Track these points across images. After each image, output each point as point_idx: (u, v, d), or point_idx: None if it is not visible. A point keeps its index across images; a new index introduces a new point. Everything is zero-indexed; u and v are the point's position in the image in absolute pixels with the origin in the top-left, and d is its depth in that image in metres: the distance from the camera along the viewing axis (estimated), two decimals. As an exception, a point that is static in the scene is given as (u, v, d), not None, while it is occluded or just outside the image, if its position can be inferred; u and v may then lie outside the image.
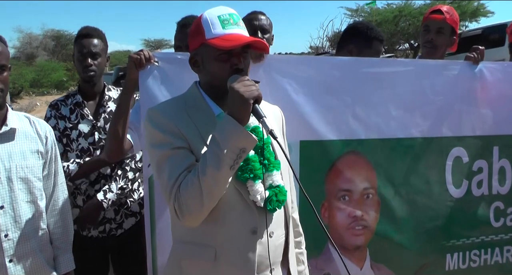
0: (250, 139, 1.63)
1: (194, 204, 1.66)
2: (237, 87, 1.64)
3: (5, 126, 2.18)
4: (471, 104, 2.89)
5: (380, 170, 2.73)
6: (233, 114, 1.63)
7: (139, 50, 2.36)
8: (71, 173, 2.80)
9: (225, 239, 1.79)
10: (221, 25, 1.78)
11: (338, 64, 2.66)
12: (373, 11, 25.23)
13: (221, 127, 1.64)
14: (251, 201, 1.81)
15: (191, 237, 1.84)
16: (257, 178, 1.79)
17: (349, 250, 2.71)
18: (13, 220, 2.17)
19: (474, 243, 2.96)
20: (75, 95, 3.00)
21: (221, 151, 1.61)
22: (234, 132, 1.61)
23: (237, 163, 1.65)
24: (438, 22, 3.19)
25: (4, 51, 2.15)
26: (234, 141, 1.61)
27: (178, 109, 1.83)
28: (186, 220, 1.72)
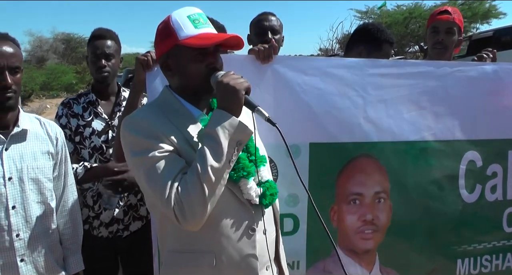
0: (247, 131, 1.64)
1: (197, 205, 1.61)
2: (227, 81, 1.64)
3: (17, 128, 2.20)
4: (486, 107, 2.80)
5: (392, 173, 2.69)
6: (225, 108, 1.63)
7: (146, 52, 2.37)
8: (78, 176, 2.79)
9: (224, 242, 1.76)
10: (193, 25, 1.76)
11: (349, 65, 2.62)
12: (383, 13, 25.13)
13: (215, 122, 1.62)
14: (246, 200, 1.79)
15: (187, 245, 1.80)
16: (250, 175, 1.78)
17: (358, 253, 2.68)
18: (24, 220, 2.19)
19: (486, 248, 2.90)
20: (88, 94, 3.02)
21: (219, 146, 1.60)
22: (230, 125, 1.61)
23: (235, 156, 1.65)
24: (447, 22, 3.16)
25: (18, 53, 2.18)
26: (230, 134, 1.61)
27: (156, 115, 1.77)
28: (189, 224, 1.65)
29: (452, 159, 2.79)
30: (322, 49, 27.28)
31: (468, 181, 2.81)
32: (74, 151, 2.91)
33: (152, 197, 1.73)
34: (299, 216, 2.57)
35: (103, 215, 2.95)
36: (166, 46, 1.80)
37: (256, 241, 1.80)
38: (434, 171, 2.76)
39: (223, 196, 1.71)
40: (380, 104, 2.63)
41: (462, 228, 2.83)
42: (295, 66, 2.52)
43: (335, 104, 2.56)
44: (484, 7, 25.34)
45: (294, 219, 2.56)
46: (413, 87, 2.68)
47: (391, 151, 2.68)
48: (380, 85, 2.63)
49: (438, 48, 3.18)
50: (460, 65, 2.81)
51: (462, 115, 2.76)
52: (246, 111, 1.75)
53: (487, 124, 2.82)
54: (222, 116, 1.62)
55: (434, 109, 2.72)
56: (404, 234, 2.73)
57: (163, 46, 1.81)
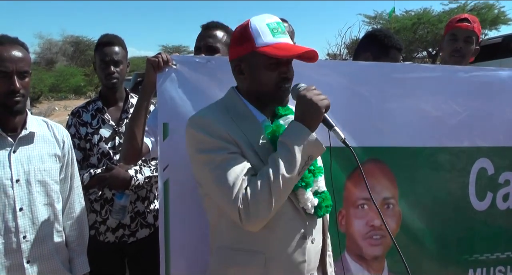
0: (320, 147, 1.70)
1: (263, 208, 1.67)
2: (310, 96, 1.70)
3: (24, 130, 2.23)
4: (499, 113, 2.74)
5: (401, 179, 2.65)
6: (303, 121, 1.68)
7: (157, 53, 2.36)
8: (84, 182, 2.83)
9: (276, 245, 1.82)
10: (271, 34, 1.79)
11: (359, 68, 2.59)
12: (391, 19, 25.08)
13: (292, 134, 1.68)
14: (301, 208, 1.84)
15: (239, 244, 1.84)
16: (308, 186, 1.82)
17: (367, 260, 2.64)
18: (31, 222, 2.21)
19: (499, 259, 2.83)
20: (96, 101, 3.05)
21: (293, 157, 1.65)
22: (306, 139, 1.67)
23: (304, 169, 1.70)
24: (467, 30, 3.13)
25: (26, 58, 2.20)
26: (304, 148, 1.66)
27: (223, 116, 1.83)
28: (252, 224, 1.71)
29: (462, 166, 2.74)
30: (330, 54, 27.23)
31: (478, 188, 2.76)
32: (84, 158, 2.96)
33: (217, 195, 1.77)
34: None
35: (110, 220, 2.96)
36: (242, 50, 1.83)
37: (306, 249, 1.85)
38: (443, 178, 2.72)
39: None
40: (390, 109, 2.59)
41: (473, 237, 2.78)
42: (304, 70, 2.47)
43: (344, 108, 2.50)
44: (493, 13, 25.22)
45: None
46: (426, 92, 2.63)
47: (401, 156, 2.64)
48: (391, 89, 2.59)
49: (455, 56, 3.14)
50: (476, 70, 2.74)
51: (474, 121, 2.71)
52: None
53: (500, 131, 2.76)
54: (300, 129, 1.68)
55: (446, 115, 2.67)
56: (413, 241, 2.69)
57: (239, 50, 1.85)
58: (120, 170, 2.86)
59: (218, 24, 2.71)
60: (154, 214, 3.07)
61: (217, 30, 2.66)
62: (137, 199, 3.00)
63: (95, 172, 2.88)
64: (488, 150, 2.76)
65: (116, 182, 2.84)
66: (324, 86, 2.48)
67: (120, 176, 2.84)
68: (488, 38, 16.55)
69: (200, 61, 2.29)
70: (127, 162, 2.65)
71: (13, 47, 2.14)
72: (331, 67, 2.61)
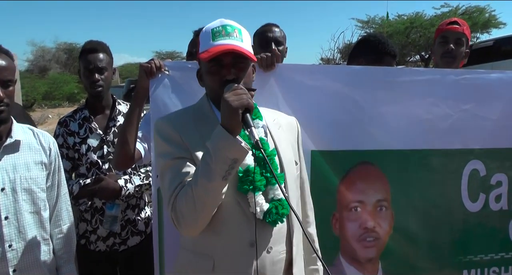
0: (241, 150, 1.59)
1: (188, 214, 1.66)
2: (227, 97, 1.61)
3: (10, 139, 2.20)
4: (490, 115, 2.75)
5: (393, 181, 2.66)
6: (224, 124, 1.61)
7: (150, 59, 2.36)
8: (74, 192, 2.81)
9: (223, 251, 1.78)
10: (211, 38, 1.78)
11: (351, 73, 2.60)
12: (384, 23, 25.21)
13: (213, 138, 1.62)
14: (251, 214, 1.77)
15: (192, 246, 1.86)
16: (257, 189, 1.76)
17: (361, 262, 2.65)
18: (17, 231, 2.18)
19: (493, 260, 2.84)
20: (83, 110, 3.00)
21: (212, 162, 1.59)
22: (225, 142, 1.58)
23: (229, 174, 1.61)
24: (457, 33, 3.16)
25: (10, 66, 2.16)
26: (225, 152, 1.58)
27: (185, 119, 1.85)
28: (183, 230, 1.73)
29: (454, 168, 2.75)
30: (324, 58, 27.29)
31: (471, 189, 2.77)
32: (72, 167, 2.93)
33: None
34: None
35: (100, 229, 2.93)
36: (197, 58, 1.89)
37: (255, 258, 1.77)
38: (435, 179, 2.73)
39: (230, 205, 1.75)
40: (382, 112, 2.61)
41: (467, 238, 2.79)
42: (297, 74, 2.51)
43: (336, 112, 2.55)
44: (484, 16, 25.42)
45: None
46: (417, 95, 2.64)
47: (392, 159, 2.65)
48: (383, 93, 2.60)
49: (447, 57, 3.16)
50: (466, 73, 2.76)
51: (465, 124, 2.71)
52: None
53: (492, 133, 2.77)
54: (220, 133, 1.60)
55: (437, 118, 2.68)
56: (407, 243, 2.69)
57: (197, 59, 1.90)
58: (110, 180, 2.82)
59: None
60: (145, 221, 3.04)
61: None
62: (127, 207, 2.96)
63: (85, 182, 2.84)
64: (479, 152, 2.77)
65: (105, 193, 2.81)
66: (316, 91, 2.52)
67: (109, 187, 2.80)
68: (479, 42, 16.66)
69: (192, 67, 2.27)
70: (119, 168, 2.64)
71: None
72: (323, 72, 2.63)
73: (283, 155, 1.91)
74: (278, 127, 1.99)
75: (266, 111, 2.02)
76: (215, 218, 1.72)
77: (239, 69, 1.79)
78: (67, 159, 2.90)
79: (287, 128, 2.03)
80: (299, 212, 2.00)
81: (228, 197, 1.72)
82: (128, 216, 2.97)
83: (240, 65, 1.79)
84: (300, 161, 2.06)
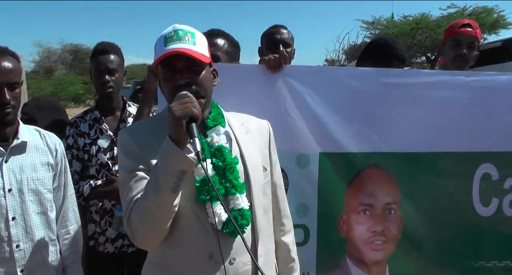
0: (188, 161, 1.55)
1: (141, 228, 1.64)
2: (171, 106, 1.57)
3: (16, 140, 2.22)
4: (502, 118, 2.70)
5: (402, 184, 2.63)
6: (171, 135, 1.57)
7: None
8: (84, 194, 2.81)
9: (182, 263, 1.73)
10: (163, 44, 1.73)
11: (360, 74, 2.58)
12: (389, 24, 25.16)
13: (160, 150, 1.58)
14: (210, 225, 1.71)
15: (154, 258, 1.84)
16: (214, 199, 1.70)
17: (368, 264, 2.63)
18: (25, 231, 2.20)
19: (508, 267, 2.76)
20: (93, 111, 3.00)
21: (160, 174, 1.56)
22: (171, 154, 1.54)
23: (178, 186, 1.58)
24: (470, 36, 3.11)
25: (17, 69, 2.18)
26: (172, 164, 1.55)
27: (145, 130, 1.80)
28: (138, 243, 1.71)
29: (465, 171, 2.70)
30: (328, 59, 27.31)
31: (482, 194, 2.71)
32: (82, 168, 2.92)
33: None
34: (309, 226, 2.53)
35: (109, 231, 2.92)
36: (154, 64, 1.80)
37: (216, 270, 1.71)
38: (446, 183, 2.69)
39: (187, 216, 1.70)
40: (390, 114, 2.58)
41: (478, 243, 2.74)
42: (305, 76, 2.49)
43: (345, 114, 2.52)
44: (492, 17, 25.31)
45: (305, 229, 2.52)
46: (427, 97, 2.60)
47: (401, 162, 2.62)
48: (392, 95, 2.57)
49: (459, 61, 3.10)
50: (476, 75, 2.71)
51: (476, 126, 2.67)
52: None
53: (504, 136, 2.71)
54: (166, 145, 1.56)
55: (448, 120, 2.64)
56: (415, 246, 2.67)
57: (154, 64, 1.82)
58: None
59: (219, 32, 2.68)
60: None
61: (218, 38, 2.62)
62: None
63: (95, 184, 2.84)
64: (491, 155, 2.71)
65: (117, 195, 2.79)
66: (325, 92, 2.49)
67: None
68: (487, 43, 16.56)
69: None
70: None
71: (3, 58, 2.13)
72: (331, 73, 2.62)
73: (249, 161, 1.84)
74: (246, 132, 1.92)
75: (233, 116, 1.96)
76: (173, 230, 1.69)
77: (194, 73, 1.72)
78: (77, 159, 2.89)
79: (256, 133, 1.95)
80: (267, 220, 1.91)
81: (186, 207, 1.69)
82: None
83: (194, 69, 1.73)
84: (272, 167, 1.98)
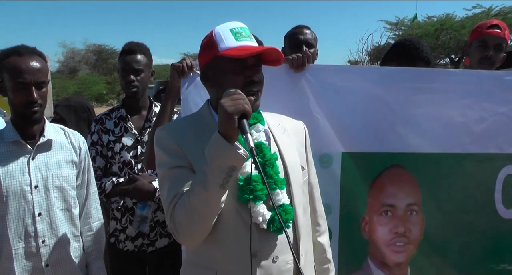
0: (239, 157, 1.53)
1: (186, 224, 1.62)
2: (223, 102, 1.55)
3: (42, 138, 2.27)
4: None
5: (424, 185, 2.61)
6: (221, 131, 1.55)
7: (181, 59, 2.37)
8: (106, 190, 2.84)
9: (225, 262, 1.72)
10: (234, 38, 1.74)
11: (384, 74, 2.55)
12: (413, 25, 24.86)
13: (209, 145, 1.56)
14: (253, 223, 1.71)
15: (194, 257, 1.82)
16: (257, 199, 1.70)
17: (390, 266, 2.61)
18: (50, 227, 2.25)
19: None
20: (119, 109, 3.03)
21: (209, 170, 1.55)
22: (221, 150, 1.53)
23: (227, 181, 1.56)
24: (498, 38, 3.05)
25: (44, 68, 2.23)
26: (222, 159, 1.53)
27: (185, 128, 1.79)
28: (182, 240, 1.70)
29: (488, 173, 2.67)
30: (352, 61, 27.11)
31: (505, 196, 2.68)
32: (106, 165, 2.95)
33: None
34: (331, 227, 2.51)
35: (129, 229, 2.94)
36: (207, 57, 1.79)
37: (259, 268, 1.71)
38: (468, 184, 2.66)
39: (230, 215, 1.70)
40: (414, 114, 2.56)
41: (500, 245, 2.70)
42: (329, 75, 2.48)
43: (368, 114, 2.51)
44: (520, 17, 24.77)
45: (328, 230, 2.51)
46: (451, 97, 2.58)
47: (423, 162, 2.60)
48: (416, 95, 2.55)
49: (485, 63, 3.04)
50: (503, 75, 2.66)
51: (501, 127, 2.63)
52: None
53: None
54: (216, 140, 1.54)
55: (472, 121, 2.61)
56: (437, 248, 2.64)
57: (204, 57, 1.82)
58: (144, 181, 2.84)
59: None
60: None
61: None
62: (158, 208, 2.95)
63: (118, 181, 2.87)
64: None
65: (139, 194, 2.83)
66: (348, 92, 2.49)
67: (144, 188, 2.82)
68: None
69: None
70: (150, 167, 2.64)
71: (31, 58, 2.18)
72: (355, 72, 2.59)
73: (288, 159, 1.84)
74: (283, 131, 1.92)
75: (270, 116, 1.96)
76: (216, 228, 1.68)
77: (258, 72, 1.76)
78: (101, 156, 2.93)
79: (292, 133, 1.95)
80: (306, 219, 1.90)
81: (229, 206, 1.67)
82: (158, 218, 2.97)
83: (259, 67, 1.77)
84: (308, 166, 1.99)
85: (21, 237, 2.19)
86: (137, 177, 2.85)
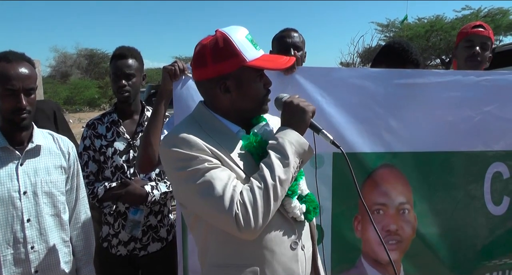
0: (310, 151, 1.70)
1: (262, 213, 1.60)
2: (296, 102, 1.71)
3: (31, 144, 2.27)
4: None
5: (415, 184, 2.63)
6: (292, 126, 1.69)
7: (173, 62, 2.37)
8: (99, 195, 2.83)
9: (268, 257, 1.75)
10: (253, 46, 1.76)
11: (371, 75, 2.58)
12: (404, 26, 24.97)
13: (286, 139, 1.66)
14: (290, 217, 1.79)
15: (230, 260, 1.77)
16: (294, 194, 1.78)
17: (383, 264, 2.62)
18: (39, 233, 2.24)
19: None
20: (111, 114, 3.01)
21: (287, 159, 1.64)
22: (300, 144, 1.67)
23: (295, 174, 1.68)
24: (483, 36, 3.08)
25: (32, 75, 2.22)
26: (296, 151, 1.66)
27: (197, 131, 1.74)
28: (251, 231, 1.60)
29: (476, 170, 2.71)
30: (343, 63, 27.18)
31: (494, 192, 2.72)
32: (99, 170, 2.94)
33: (205, 208, 1.66)
34: (323, 226, 2.55)
35: (122, 233, 2.93)
36: (228, 66, 1.72)
37: (297, 258, 1.80)
38: (457, 182, 2.69)
39: None
40: (403, 114, 2.58)
41: (491, 242, 2.73)
42: (317, 77, 2.50)
43: (357, 115, 2.53)
44: (508, 19, 24.92)
45: (319, 229, 2.52)
46: (438, 97, 2.60)
47: (414, 161, 2.63)
48: (403, 95, 2.57)
49: (472, 61, 3.07)
50: (487, 74, 2.70)
51: (488, 125, 2.67)
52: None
53: None
54: (291, 133, 1.67)
55: (459, 120, 2.64)
56: (429, 246, 2.66)
57: (223, 67, 1.73)
58: (136, 185, 2.83)
59: None
60: (167, 228, 3.03)
61: None
62: (150, 213, 2.95)
63: (110, 186, 2.86)
64: (502, 154, 2.71)
65: (132, 198, 2.82)
66: (336, 93, 2.51)
67: (136, 193, 2.81)
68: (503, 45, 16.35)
69: None
70: (143, 171, 2.64)
71: (19, 64, 2.17)
72: (343, 74, 2.61)
73: None
74: (274, 128, 1.95)
75: (270, 116, 2.02)
76: None
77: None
78: (93, 161, 2.92)
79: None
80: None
81: None
82: (150, 222, 2.96)
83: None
84: None
85: (10, 244, 2.17)
86: (129, 181, 2.84)
